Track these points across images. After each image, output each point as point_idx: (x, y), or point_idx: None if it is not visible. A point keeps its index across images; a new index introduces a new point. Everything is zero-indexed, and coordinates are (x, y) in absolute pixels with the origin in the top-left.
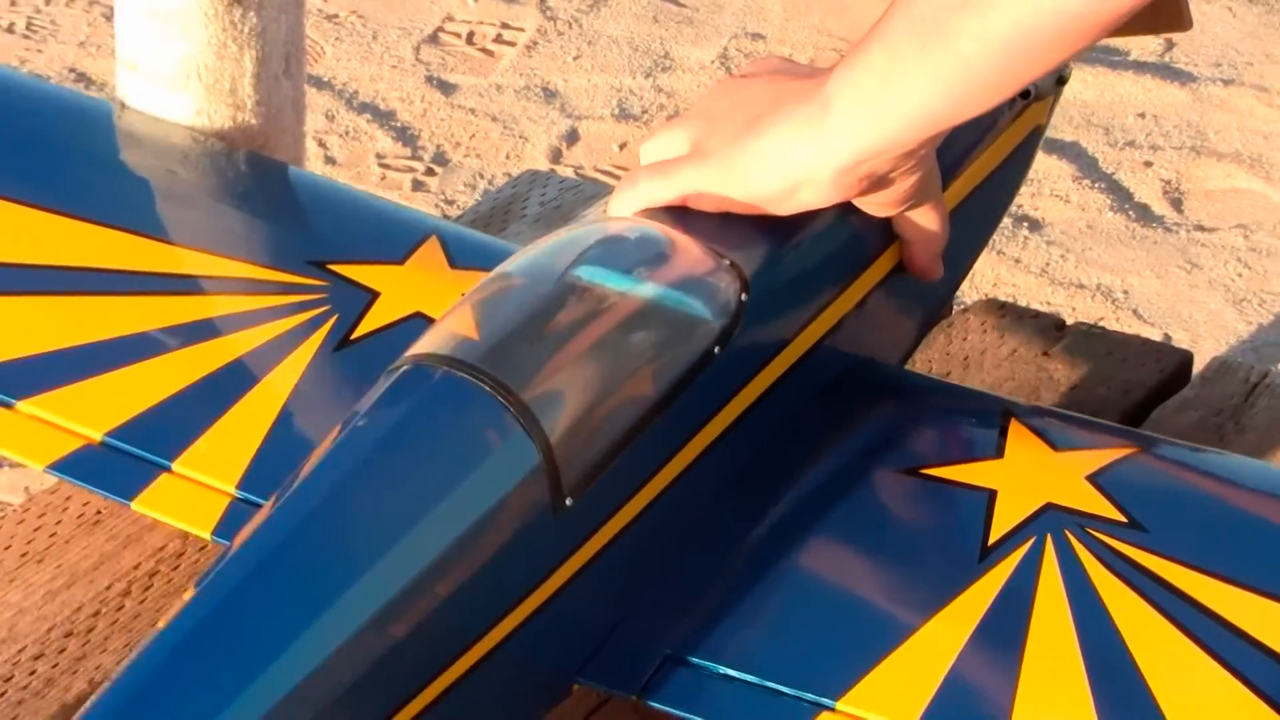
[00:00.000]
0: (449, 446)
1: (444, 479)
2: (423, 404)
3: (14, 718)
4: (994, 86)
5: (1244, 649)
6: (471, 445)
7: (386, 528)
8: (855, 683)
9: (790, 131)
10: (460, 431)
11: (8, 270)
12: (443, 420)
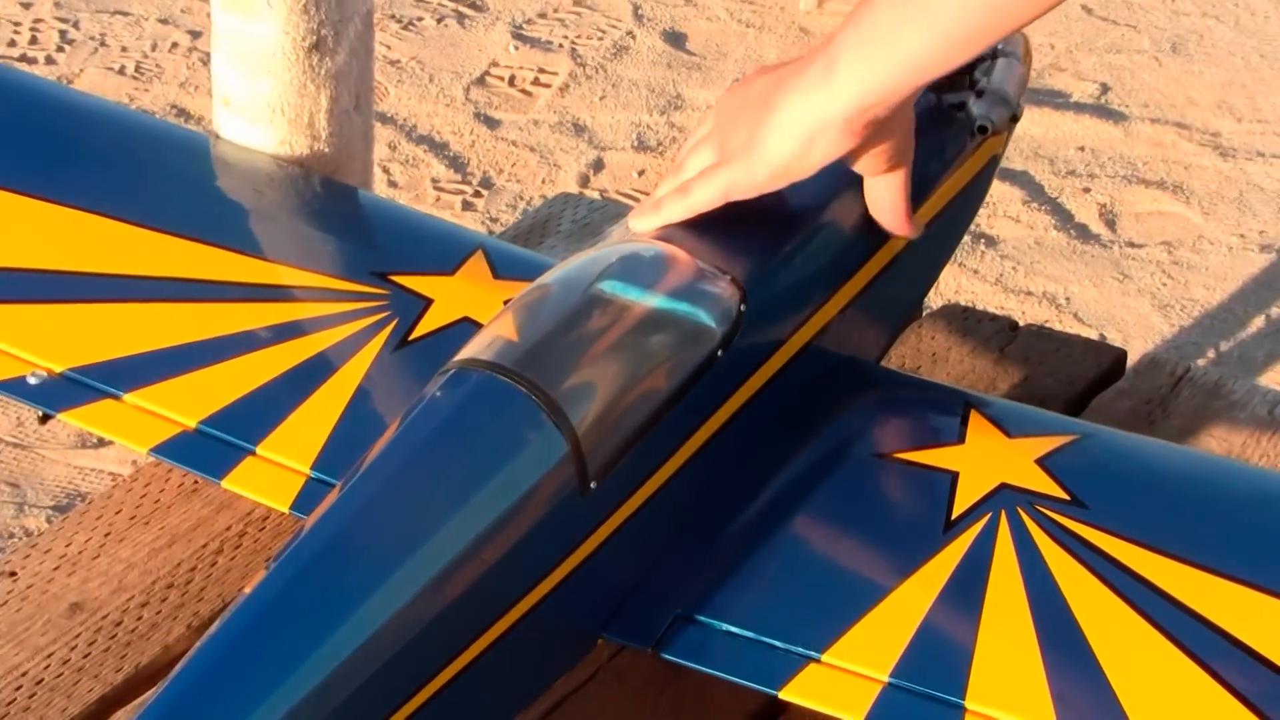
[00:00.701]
0: (491, 440)
1: (487, 467)
2: (469, 403)
3: (124, 655)
4: (985, 32)
5: (1167, 608)
6: (510, 438)
7: (439, 508)
8: (837, 638)
9: (800, 95)
10: (501, 427)
11: (115, 280)
12: (486, 417)
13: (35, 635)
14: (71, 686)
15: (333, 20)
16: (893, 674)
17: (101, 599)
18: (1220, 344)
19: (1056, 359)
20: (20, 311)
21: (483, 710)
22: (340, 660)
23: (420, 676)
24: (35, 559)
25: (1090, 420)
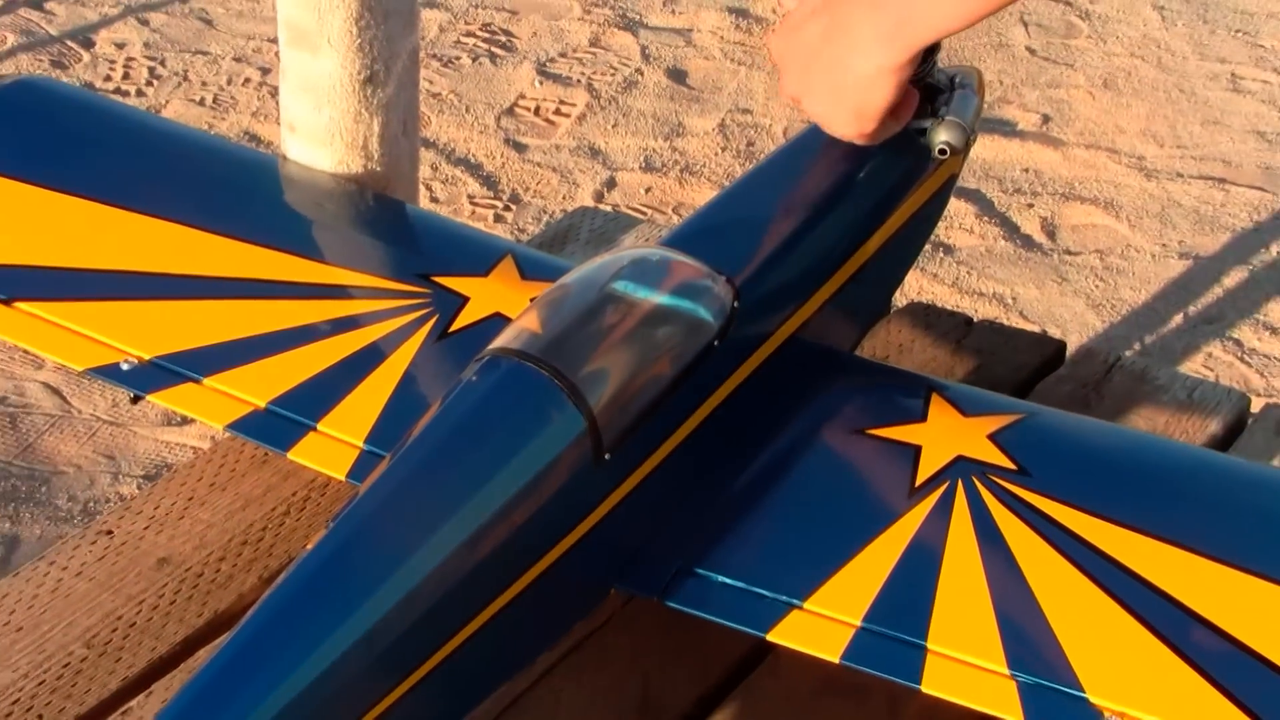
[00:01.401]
0: (520, 417)
1: (516, 441)
2: (500, 385)
3: (204, 603)
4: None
5: (1099, 562)
6: (536, 416)
7: (475, 475)
8: (817, 587)
9: (859, 45)
10: (527, 406)
11: (196, 281)
12: (515, 398)
13: (129, 585)
14: (159, 629)
15: (384, 57)
16: (865, 619)
17: (185, 554)
18: (1145, 337)
19: (1005, 350)
20: (115, 308)
21: (512, 650)
22: (390, 606)
23: (459, 620)
24: (128, 519)
25: (1034, 402)
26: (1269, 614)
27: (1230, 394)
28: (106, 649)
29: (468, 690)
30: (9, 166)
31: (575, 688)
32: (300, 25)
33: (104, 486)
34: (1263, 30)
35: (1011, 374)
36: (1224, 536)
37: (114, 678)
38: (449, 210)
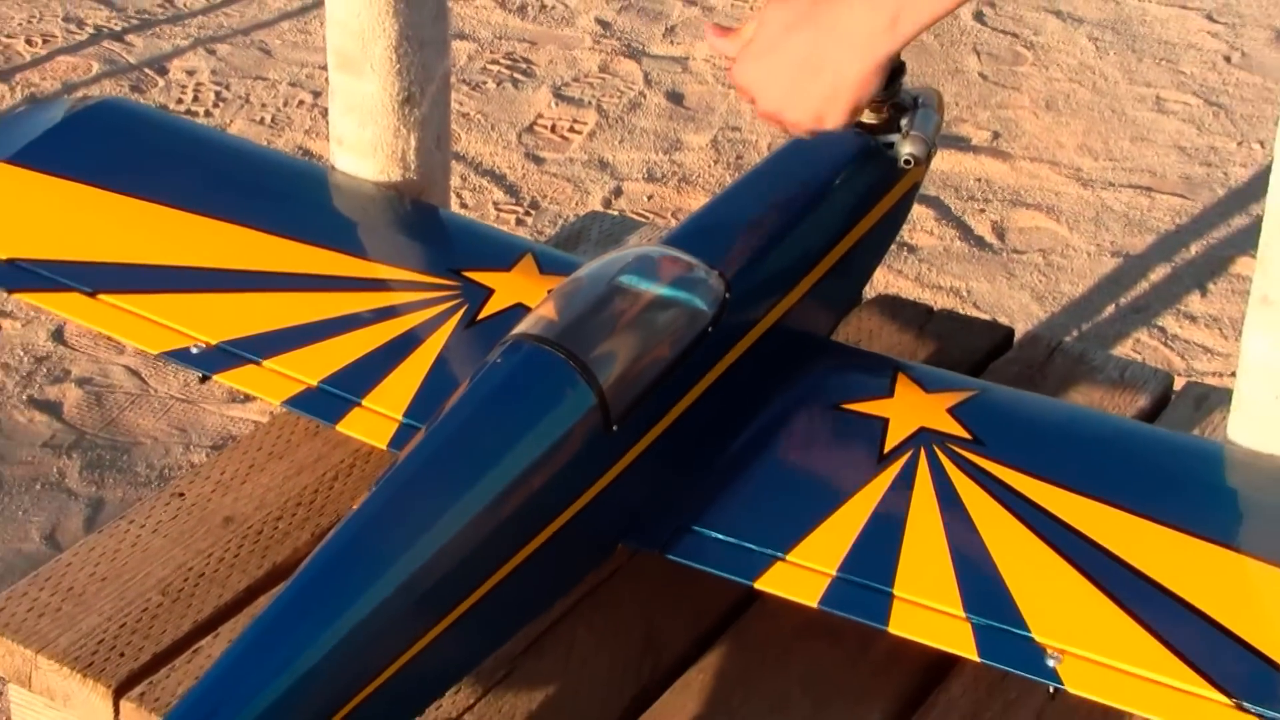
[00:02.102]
0: (538, 393)
1: (535, 414)
2: (521, 366)
3: (264, 556)
4: None
5: (1044, 519)
6: (552, 392)
7: (499, 444)
8: (797, 542)
9: (855, 45)
10: (545, 384)
11: (256, 275)
12: (534, 377)
13: (198, 540)
14: (225, 579)
15: (419, 81)
16: (839, 569)
17: (247, 513)
18: (1082, 325)
19: (961, 335)
20: (185, 299)
21: (531, 598)
22: (425, 558)
23: (485, 571)
24: (198, 484)
25: (987, 380)
26: (1185, 562)
27: (1156, 374)
28: (179, 596)
29: (493, 632)
30: (92, 175)
31: (587, 631)
32: (347, 52)
33: (177, 455)
34: (1183, 59)
35: (967, 356)
36: (1150, 497)
37: (185, 621)
38: (476, 214)
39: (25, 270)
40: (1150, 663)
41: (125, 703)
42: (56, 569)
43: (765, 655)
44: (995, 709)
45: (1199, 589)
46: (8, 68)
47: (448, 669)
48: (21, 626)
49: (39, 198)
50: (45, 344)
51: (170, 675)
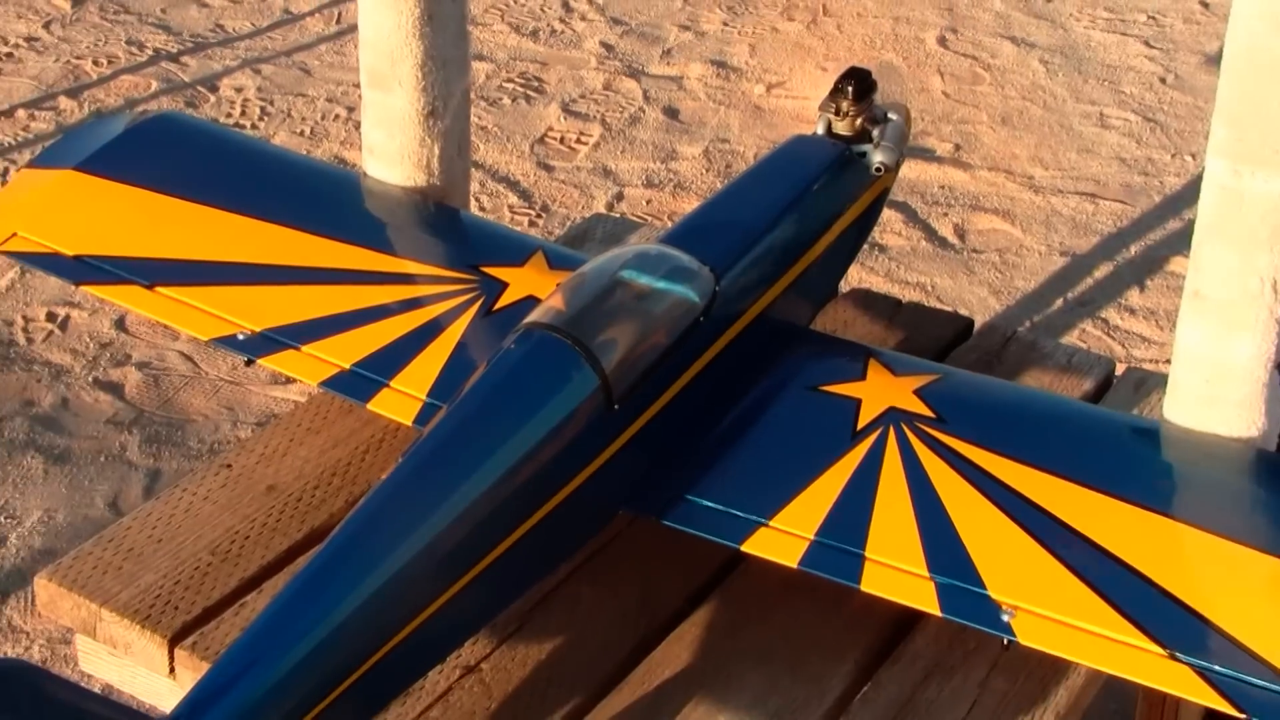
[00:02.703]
0: (548, 376)
1: (545, 394)
2: (532, 352)
3: (303, 520)
4: None
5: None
6: (560, 375)
7: (512, 421)
8: (780, 509)
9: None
10: (554, 367)
11: (296, 270)
12: (543, 362)
13: (244, 506)
14: (268, 540)
15: (442, 96)
16: (817, 533)
17: (288, 482)
18: (1034, 316)
19: (926, 325)
20: (233, 291)
21: (541, 559)
22: (446, 523)
23: (500, 535)
24: (244, 456)
25: (949, 365)
26: (1125, 527)
27: (1100, 360)
28: (227, 556)
29: (506, 590)
30: (150, 181)
31: (590, 589)
32: (378, 71)
33: (225, 431)
34: (1124, 80)
35: (931, 344)
36: (1093, 469)
37: (233, 578)
38: (493, 216)
39: (90, 265)
40: (1094, 618)
41: (179, 651)
42: (118, 532)
43: (750, 611)
44: (955, 659)
45: (1137, 552)
46: (76, 85)
47: (466, 622)
48: (87, 583)
49: (103, 201)
50: (109, 332)
51: (219, 627)
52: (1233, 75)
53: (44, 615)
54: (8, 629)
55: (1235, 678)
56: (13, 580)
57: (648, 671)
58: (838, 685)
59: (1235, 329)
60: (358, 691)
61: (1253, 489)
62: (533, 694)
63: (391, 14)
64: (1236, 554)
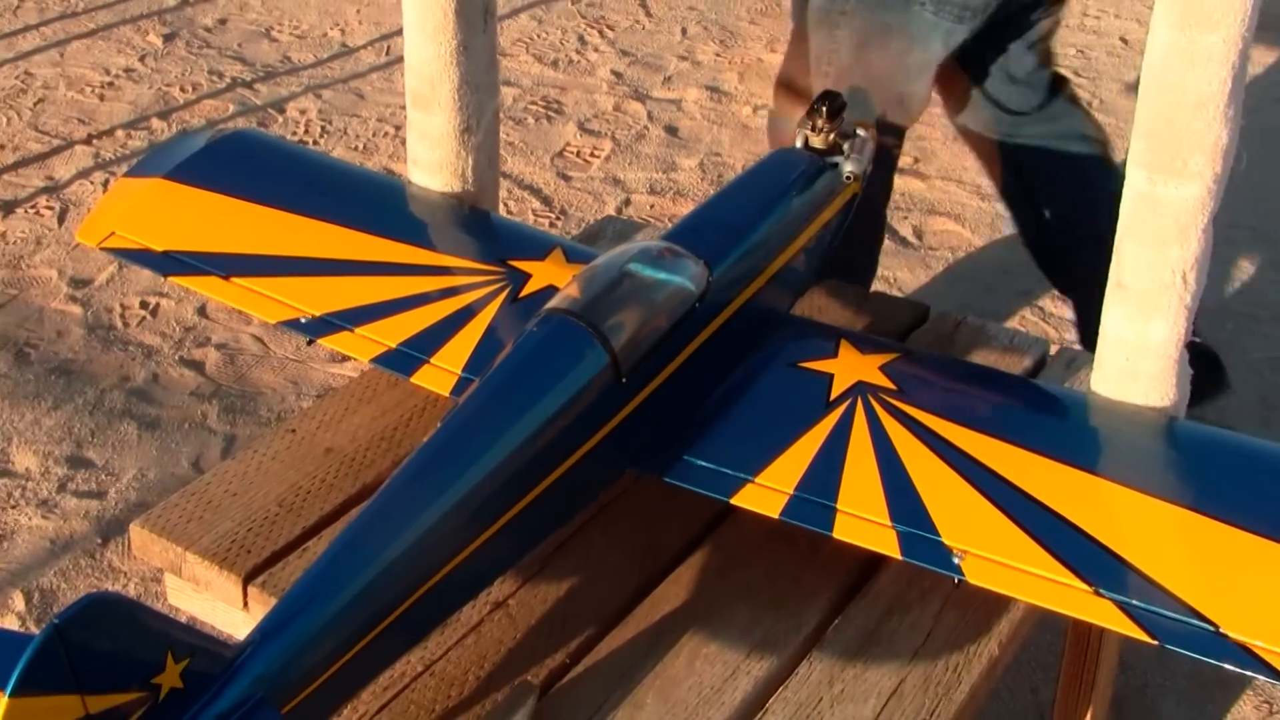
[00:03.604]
0: (565, 354)
1: (563, 370)
2: (552, 333)
3: (356, 477)
4: None
5: (949, 449)
6: (576, 353)
7: (534, 394)
8: (764, 468)
9: None
10: (570, 347)
11: (350, 263)
12: (562, 341)
13: (306, 465)
14: (326, 494)
15: (476, 114)
16: (795, 488)
17: (343, 445)
18: (982, 305)
19: (889, 312)
20: (297, 281)
21: (561, 509)
22: (478, 479)
23: (524, 490)
24: (306, 422)
25: (908, 345)
26: (1057, 483)
27: (1037, 341)
28: (291, 507)
29: (530, 538)
30: (227, 188)
31: (602, 536)
32: (421, 93)
33: (290, 402)
34: None
35: (894, 328)
36: (1030, 433)
37: (296, 526)
38: (518, 218)
39: (176, 260)
40: (1031, 560)
41: (251, 588)
42: (200, 487)
43: (738, 555)
44: (913, 596)
45: (1067, 504)
46: (166, 109)
47: (495, 565)
48: (174, 530)
49: (187, 205)
50: (192, 317)
51: (284, 568)
52: (1147, 99)
53: (138, 558)
54: (108, 569)
55: (1149, 610)
56: (112, 528)
57: (651, 607)
58: (813, 618)
59: (1151, 314)
60: (403, 623)
61: (1165, 451)
62: (552, 625)
63: (432, 46)
64: (1151, 506)
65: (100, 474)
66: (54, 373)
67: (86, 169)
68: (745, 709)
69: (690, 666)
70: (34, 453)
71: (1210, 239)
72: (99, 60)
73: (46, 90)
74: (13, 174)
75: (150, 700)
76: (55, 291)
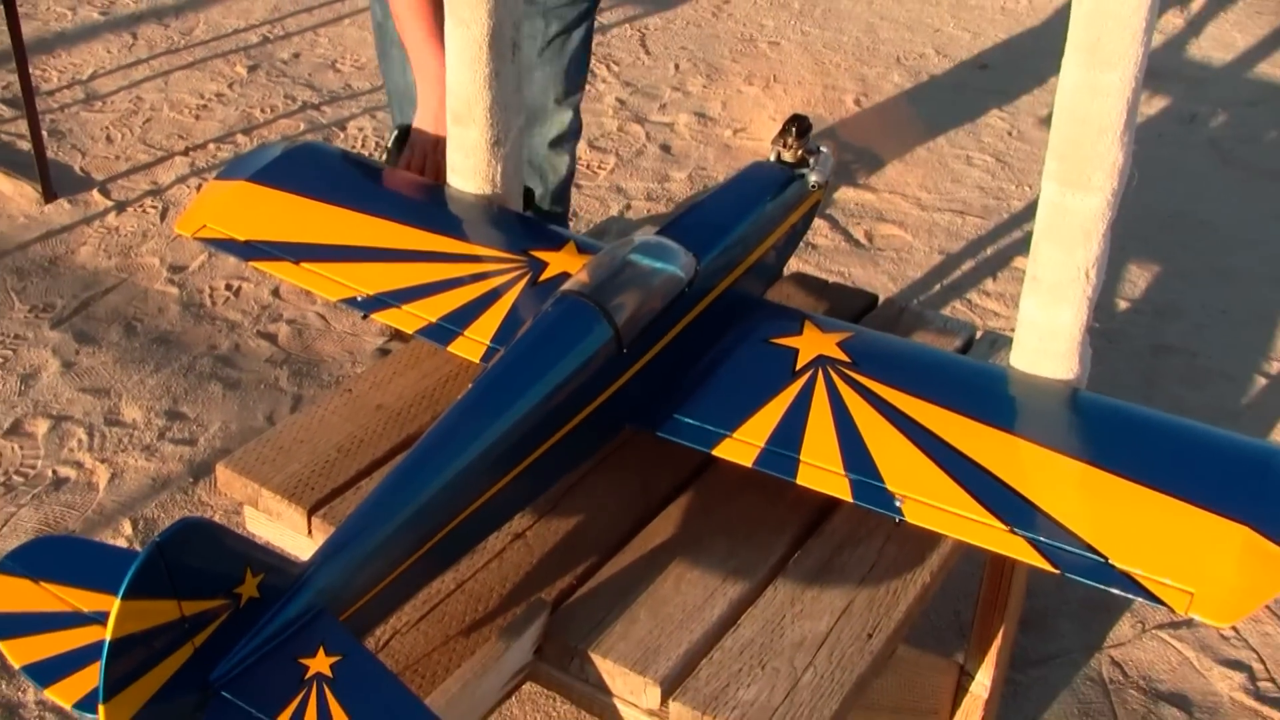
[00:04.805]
0: (575, 329)
1: (573, 342)
2: (566, 311)
3: (401, 428)
4: None
5: (894, 412)
6: (584, 328)
7: (549, 361)
8: (740, 425)
9: None
10: (580, 323)
11: (399, 251)
12: (574, 318)
13: (360, 418)
14: (376, 443)
15: (504, 130)
16: (766, 442)
17: (390, 402)
18: (920, 296)
19: (845, 300)
20: (355, 266)
21: (571, 458)
22: (502, 432)
23: (539, 441)
24: (360, 383)
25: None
26: (979, 440)
27: (965, 325)
28: (348, 453)
29: (544, 481)
30: (298, 189)
31: (604, 481)
32: (458, 112)
33: (347, 368)
34: (983, 133)
35: (849, 312)
36: (960, 399)
37: (351, 468)
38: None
39: (255, 248)
40: (958, 504)
41: (314, 519)
42: (272, 435)
43: (717, 498)
44: (861, 533)
45: (989, 458)
46: (249, 126)
47: (515, 502)
48: (251, 470)
49: (265, 203)
50: (267, 297)
51: (343, 502)
52: (1060, 125)
53: (222, 493)
54: (198, 503)
55: (1053, 545)
56: (201, 469)
57: (644, 540)
58: (778, 551)
59: (1060, 304)
60: (438, 549)
61: (1069, 415)
62: (563, 553)
63: (469, 72)
64: (1057, 460)
65: (192, 425)
66: (155, 342)
67: (184, 175)
68: (721, 624)
69: (677, 588)
70: (139, 407)
71: (1108, 243)
72: (195, 87)
73: (153, 111)
74: (125, 180)
75: (232, 607)
76: (157, 276)
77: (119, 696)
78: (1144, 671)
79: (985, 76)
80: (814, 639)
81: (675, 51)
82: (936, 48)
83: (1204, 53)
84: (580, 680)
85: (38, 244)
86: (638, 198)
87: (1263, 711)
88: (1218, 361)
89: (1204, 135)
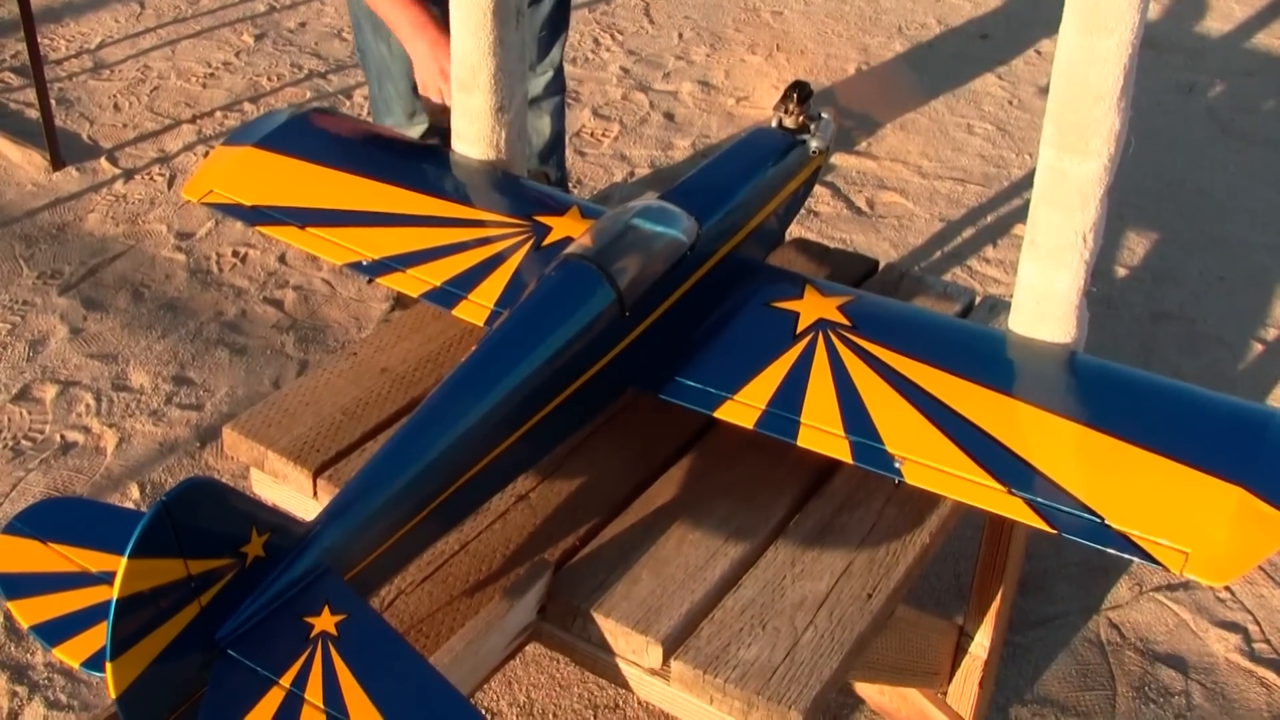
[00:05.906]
0: (579, 291)
1: (577, 305)
2: (568, 275)
3: (406, 391)
4: None
5: (892, 373)
6: (588, 291)
7: (553, 324)
8: (742, 387)
9: None
10: (583, 285)
11: (404, 216)
12: (576, 281)
13: (365, 382)
14: (381, 405)
15: (508, 97)
16: (767, 404)
17: (395, 365)
18: (921, 262)
19: (846, 265)
20: (360, 231)
21: (573, 420)
22: (505, 391)
23: (543, 402)
24: (365, 347)
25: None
26: (978, 402)
27: (965, 291)
28: (353, 415)
29: (547, 442)
30: (304, 154)
31: (607, 443)
32: (463, 79)
33: (352, 333)
34: (983, 102)
35: (850, 277)
36: (959, 362)
37: (356, 430)
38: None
39: (262, 212)
40: (957, 465)
41: (320, 480)
42: (279, 398)
43: (719, 459)
44: (861, 495)
45: (987, 419)
46: (256, 94)
47: (519, 464)
48: (258, 433)
49: (271, 168)
50: (274, 264)
51: (347, 464)
52: (1057, 91)
53: (229, 456)
54: (205, 467)
55: (1051, 506)
56: (208, 434)
57: (646, 501)
58: (779, 512)
59: (1058, 268)
60: (441, 510)
61: (1066, 378)
62: (566, 515)
63: (473, 40)
64: (1054, 422)
65: (199, 390)
66: (163, 308)
67: (191, 143)
68: (722, 584)
69: (678, 549)
70: (146, 372)
71: (1106, 208)
72: (202, 55)
73: (160, 80)
74: (133, 147)
75: (238, 566)
76: (165, 242)
77: (125, 655)
78: (1141, 633)
79: (986, 46)
80: (814, 599)
81: (679, 21)
82: (938, 17)
83: (1202, 23)
84: (583, 640)
85: (46, 211)
86: (641, 166)
87: (1257, 672)
88: (1215, 328)
89: (1202, 105)
